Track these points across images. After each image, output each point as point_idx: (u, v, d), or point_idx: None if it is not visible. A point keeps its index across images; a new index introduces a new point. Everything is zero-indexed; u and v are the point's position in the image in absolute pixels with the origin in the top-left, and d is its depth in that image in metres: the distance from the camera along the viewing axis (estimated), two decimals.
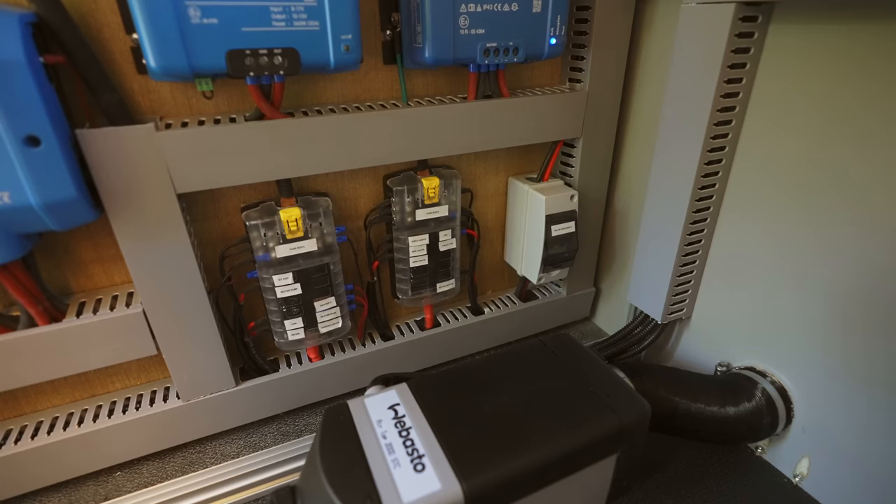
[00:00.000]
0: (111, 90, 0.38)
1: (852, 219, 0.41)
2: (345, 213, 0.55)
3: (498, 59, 0.47)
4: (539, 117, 0.54)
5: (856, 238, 0.41)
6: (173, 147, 0.39)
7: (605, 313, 0.74)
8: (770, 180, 0.46)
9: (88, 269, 0.46)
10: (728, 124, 0.47)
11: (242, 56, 0.36)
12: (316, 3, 0.37)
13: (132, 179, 0.39)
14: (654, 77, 0.57)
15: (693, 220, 0.51)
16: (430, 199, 0.54)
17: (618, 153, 0.63)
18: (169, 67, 0.35)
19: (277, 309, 0.50)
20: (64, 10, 0.35)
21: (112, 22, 0.39)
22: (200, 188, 0.42)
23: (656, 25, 0.55)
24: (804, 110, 0.42)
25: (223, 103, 0.45)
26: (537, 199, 0.58)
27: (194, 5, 0.34)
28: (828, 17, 0.39)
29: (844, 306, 0.42)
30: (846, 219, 0.41)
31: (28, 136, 0.33)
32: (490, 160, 0.61)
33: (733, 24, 0.42)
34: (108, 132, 0.37)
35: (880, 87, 0.37)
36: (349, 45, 0.39)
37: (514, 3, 0.46)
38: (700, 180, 0.49)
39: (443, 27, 0.43)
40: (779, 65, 0.44)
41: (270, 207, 0.47)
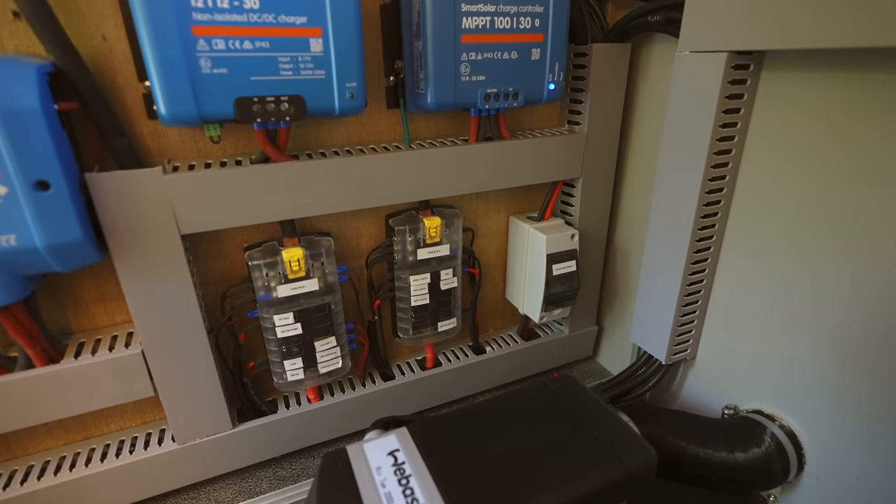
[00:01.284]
0: (122, 135, 0.40)
1: (853, 261, 0.41)
2: (347, 252, 0.55)
3: (498, 103, 0.48)
4: (539, 159, 0.55)
5: (858, 280, 0.41)
6: (180, 189, 0.40)
7: (608, 352, 0.73)
8: (768, 222, 0.47)
9: (90, 308, 0.46)
10: (725, 167, 0.48)
11: (250, 103, 0.37)
12: (322, 53, 0.39)
13: (138, 221, 0.40)
14: (651, 119, 0.58)
15: (694, 261, 0.51)
16: (432, 238, 0.54)
17: (617, 192, 0.64)
18: (179, 115, 0.36)
19: (277, 349, 0.50)
20: (80, 60, 0.36)
21: (126, 70, 0.41)
22: (205, 229, 0.43)
23: (651, 71, 0.57)
24: (798, 154, 0.43)
25: (230, 146, 0.46)
26: (538, 239, 0.58)
27: (206, 56, 0.35)
28: (817, 66, 0.41)
29: (851, 349, 0.42)
30: (847, 261, 0.41)
31: (38, 180, 0.33)
32: (491, 199, 0.62)
33: (726, 72, 0.43)
34: (116, 176, 0.38)
35: (871, 133, 0.38)
36: (354, 92, 0.40)
37: (513, 51, 0.47)
38: (699, 221, 0.49)
39: (445, 74, 0.45)
40: (772, 110, 0.45)
41: (273, 247, 0.48)
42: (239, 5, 0.35)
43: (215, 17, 0.35)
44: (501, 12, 0.45)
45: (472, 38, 0.45)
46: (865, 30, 0.33)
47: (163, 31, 0.34)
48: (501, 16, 0.45)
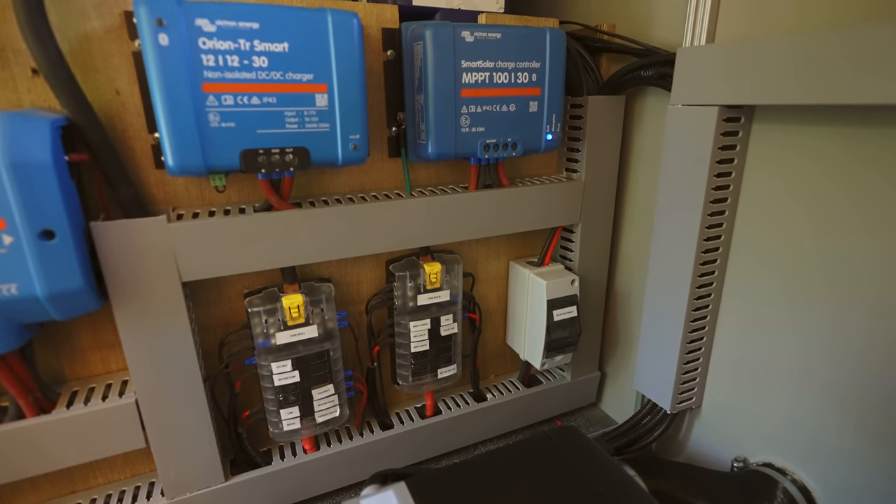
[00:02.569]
0: (129, 184, 0.40)
1: (853, 309, 0.41)
2: (347, 298, 0.55)
3: (497, 153, 0.49)
4: (538, 206, 0.56)
5: (860, 328, 0.40)
6: (183, 238, 0.41)
7: (611, 398, 0.72)
8: (767, 269, 0.47)
9: (86, 356, 0.46)
10: (721, 214, 0.48)
11: (256, 155, 0.38)
12: (327, 108, 0.40)
13: (140, 269, 0.40)
14: (647, 166, 0.59)
15: (695, 307, 0.51)
16: (432, 284, 0.54)
17: (616, 237, 0.65)
18: (186, 166, 0.37)
19: (274, 397, 0.49)
20: (93, 114, 0.38)
21: (136, 123, 0.42)
22: (206, 276, 0.43)
23: (646, 121, 0.58)
24: (793, 201, 0.44)
25: (234, 194, 0.47)
26: (538, 284, 0.58)
27: (215, 111, 0.37)
28: (804, 120, 0.42)
29: (859, 401, 0.41)
30: (846, 309, 0.41)
31: (44, 230, 0.34)
32: (491, 244, 0.62)
33: (718, 125, 0.45)
34: (121, 225, 0.38)
35: (858, 187, 0.39)
36: (357, 143, 0.42)
37: (511, 104, 0.49)
38: (699, 268, 0.49)
39: (445, 126, 0.46)
40: (765, 160, 0.46)
41: (273, 294, 0.48)
42: (248, 64, 0.37)
43: (225, 76, 0.36)
44: (500, 68, 0.47)
45: (471, 93, 0.46)
46: (845, 88, 0.34)
47: (174, 87, 0.35)
48: (500, 71, 0.47)
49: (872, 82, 0.33)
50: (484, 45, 0.46)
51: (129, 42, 0.40)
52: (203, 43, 0.35)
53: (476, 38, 0.45)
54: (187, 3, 0.35)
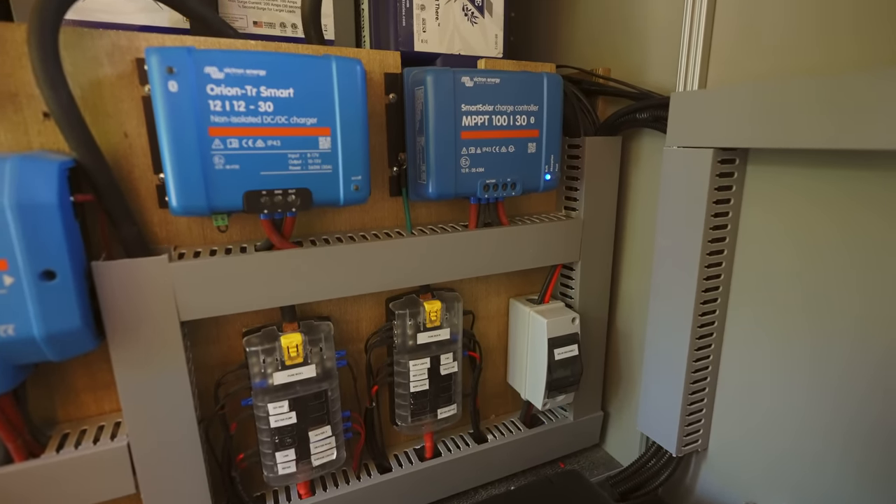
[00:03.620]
0: (132, 224, 0.41)
1: (855, 346, 0.40)
2: (346, 336, 0.55)
3: (497, 193, 0.50)
4: (537, 244, 0.57)
5: (864, 366, 0.40)
6: (184, 277, 0.41)
7: (615, 440, 0.70)
8: (768, 309, 0.47)
9: (79, 397, 0.45)
10: (720, 254, 0.49)
11: (259, 196, 0.39)
12: (330, 150, 0.41)
13: (140, 308, 0.40)
14: (645, 204, 0.60)
15: (697, 347, 0.50)
16: (432, 322, 0.54)
17: (616, 275, 0.65)
18: (189, 208, 0.37)
19: (269, 440, 0.47)
20: (101, 157, 0.38)
21: (142, 163, 0.43)
22: (206, 315, 0.43)
23: (643, 160, 0.60)
24: (790, 241, 0.44)
25: (235, 233, 0.47)
26: (539, 322, 0.58)
27: (220, 154, 0.37)
28: (796, 162, 0.43)
29: (870, 445, 0.40)
30: (849, 347, 0.41)
31: (45, 270, 0.34)
32: (491, 282, 0.62)
33: (713, 166, 0.46)
34: (122, 264, 0.39)
35: (854, 226, 0.39)
36: (359, 184, 0.42)
37: (510, 145, 0.50)
38: (700, 307, 0.49)
39: (446, 167, 0.47)
40: (760, 200, 0.46)
41: (272, 333, 0.47)
42: (254, 109, 0.38)
43: (231, 120, 0.37)
44: (499, 111, 0.48)
45: (471, 135, 0.47)
46: (829, 133, 0.35)
47: (181, 131, 0.36)
48: (499, 114, 0.49)
49: (855, 128, 0.34)
50: (483, 90, 0.47)
51: (139, 87, 0.41)
52: (211, 89, 0.36)
53: (476, 83, 0.47)
54: (197, 52, 0.36)
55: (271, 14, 0.54)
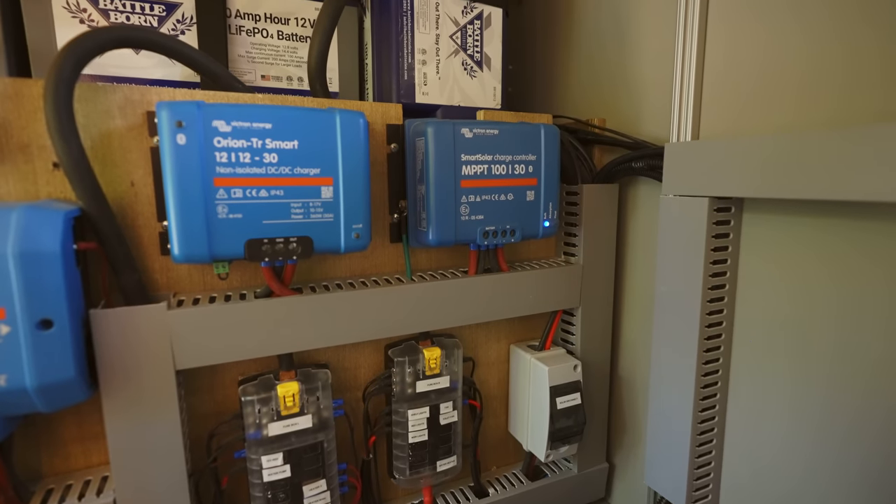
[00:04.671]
0: (133, 271, 0.41)
1: (864, 394, 0.39)
2: (344, 384, 0.53)
3: (496, 240, 0.51)
4: (537, 290, 0.57)
5: (871, 415, 0.39)
6: (182, 325, 0.40)
7: (622, 493, 0.67)
8: (772, 357, 0.46)
9: (67, 448, 0.43)
10: (721, 301, 0.48)
11: (260, 244, 0.39)
12: (332, 199, 0.42)
13: (135, 357, 0.39)
14: (645, 251, 0.60)
15: (703, 397, 0.49)
16: (432, 370, 0.53)
17: (617, 321, 0.64)
18: (191, 256, 0.37)
19: (262, 495, 0.46)
20: (107, 206, 0.39)
21: (147, 211, 0.43)
22: (202, 364, 0.42)
23: (640, 207, 0.60)
24: (788, 289, 0.44)
25: (236, 279, 0.47)
26: (540, 370, 0.57)
27: (223, 203, 0.38)
28: (790, 210, 0.44)
29: (878, 490, 0.39)
30: (855, 394, 0.40)
31: (43, 319, 0.34)
32: (491, 328, 0.61)
33: (710, 214, 0.46)
34: (121, 312, 0.38)
35: (848, 273, 0.40)
36: (359, 233, 0.43)
37: (509, 193, 0.51)
38: (703, 355, 0.48)
39: (445, 215, 0.48)
40: (757, 248, 0.47)
41: (268, 381, 0.46)
42: (259, 160, 0.39)
43: (236, 171, 0.38)
44: (498, 161, 0.50)
45: (471, 183, 0.48)
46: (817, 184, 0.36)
47: (187, 181, 0.37)
48: (498, 164, 0.50)
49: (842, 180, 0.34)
50: (482, 141, 0.48)
51: (148, 138, 0.42)
52: (218, 142, 0.37)
53: (475, 134, 0.48)
54: (206, 106, 0.37)
55: (279, 68, 0.56)
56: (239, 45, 0.54)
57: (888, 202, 0.32)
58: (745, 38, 0.46)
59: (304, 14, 0.56)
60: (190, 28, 0.51)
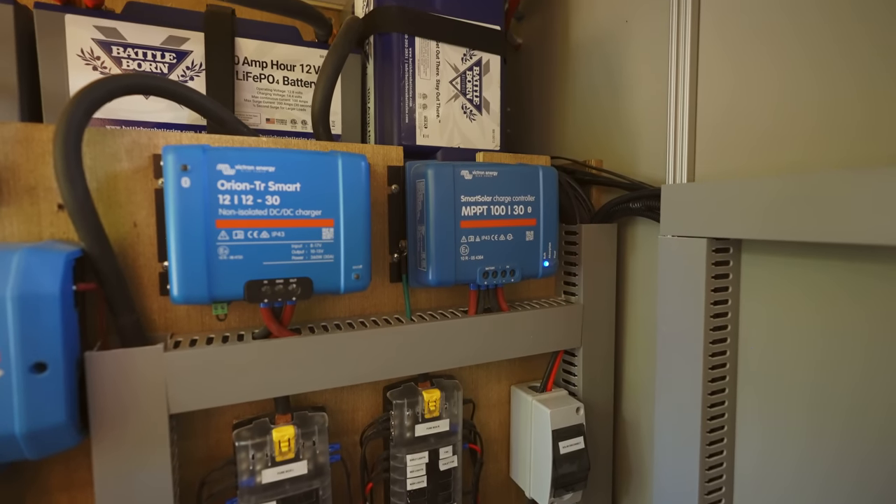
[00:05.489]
0: (131, 311, 0.41)
1: (875, 440, 0.38)
2: (341, 427, 0.52)
3: (496, 280, 0.51)
4: (538, 330, 0.56)
5: (883, 463, 0.38)
6: (178, 367, 0.40)
7: None
8: (777, 399, 0.45)
9: (52, 497, 0.42)
10: (724, 342, 0.48)
11: (260, 286, 0.39)
12: (333, 240, 0.42)
13: (129, 401, 0.38)
14: (645, 290, 0.60)
15: (709, 441, 0.48)
16: (431, 412, 0.52)
17: (619, 362, 0.64)
18: (190, 297, 0.37)
19: None
20: (109, 247, 0.39)
21: (148, 252, 0.44)
22: (197, 408, 0.41)
23: (639, 246, 0.61)
24: (789, 330, 0.44)
25: (234, 320, 0.47)
26: (542, 413, 0.56)
27: (225, 244, 0.38)
28: (787, 252, 0.44)
29: None
30: (867, 440, 0.39)
31: (37, 363, 0.33)
32: (491, 368, 0.61)
33: (709, 255, 0.46)
34: (116, 354, 0.38)
35: (844, 315, 0.39)
36: (359, 273, 0.43)
37: (509, 233, 0.51)
38: (708, 398, 0.47)
39: (445, 255, 0.48)
40: (757, 289, 0.47)
41: (264, 425, 0.45)
42: (262, 202, 0.39)
43: (239, 213, 0.38)
44: (497, 202, 0.50)
45: (470, 224, 0.49)
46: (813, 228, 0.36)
47: (189, 223, 0.37)
48: (497, 204, 0.50)
49: (832, 223, 0.35)
50: (482, 182, 0.49)
51: (153, 180, 0.43)
52: (221, 184, 0.38)
53: (474, 176, 0.49)
54: (211, 150, 0.38)
55: (283, 112, 0.58)
56: (245, 90, 0.56)
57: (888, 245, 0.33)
58: (735, 82, 0.48)
59: (310, 61, 0.59)
60: (199, 74, 0.53)
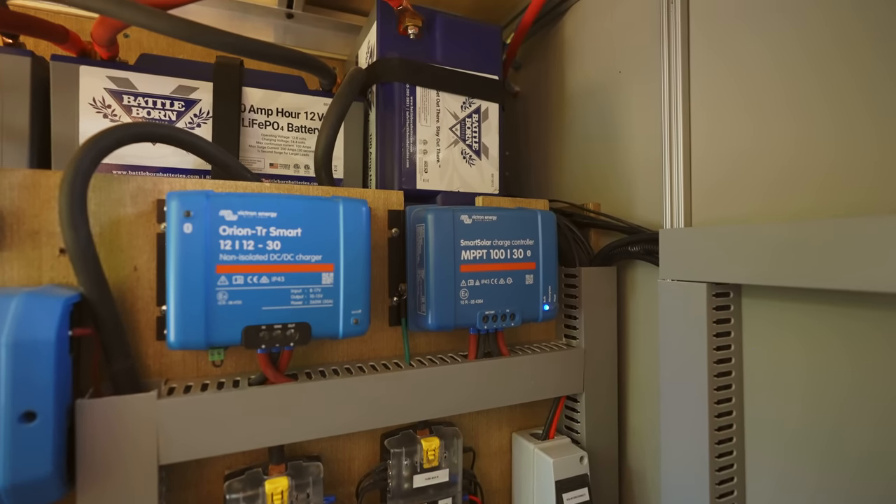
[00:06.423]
0: (126, 357, 0.40)
1: (886, 487, 0.37)
2: (336, 478, 0.50)
3: (496, 324, 0.50)
4: (539, 375, 0.55)
5: None
6: (170, 416, 0.39)
7: None
8: (785, 447, 0.44)
9: None
10: (729, 388, 0.47)
11: (258, 331, 0.39)
12: (332, 285, 0.42)
13: (118, 451, 0.37)
14: (647, 334, 0.59)
15: (719, 494, 0.46)
16: (430, 462, 0.50)
17: (623, 408, 0.62)
18: (187, 343, 0.37)
19: None
20: (108, 291, 0.39)
21: (147, 296, 0.43)
22: (189, 458, 0.40)
23: (639, 290, 0.61)
24: (796, 375, 0.43)
25: (230, 365, 0.46)
26: (544, 462, 0.54)
27: (224, 290, 0.38)
28: (789, 297, 0.44)
29: None
30: (878, 488, 0.37)
31: (26, 412, 0.33)
32: (492, 414, 0.59)
33: (709, 299, 0.46)
34: (108, 402, 0.37)
35: (848, 363, 0.39)
36: (358, 318, 0.42)
37: (508, 277, 0.51)
38: (715, 448, 0.46)
39: (445, 300, 0.48)
40: (759, 333, 0.46)
41: (256, 476, 0.44)
42: (263, 247, 0.39)
43: (239, 258, 0.38)
44: (496, 245, 0.51)
45: (470, 268, 0.49)
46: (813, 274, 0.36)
47: (190, 268, 0.37)
48: (496, 248, 0.51)
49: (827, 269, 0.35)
50: (481, 227, 0.50)
51: (155, 224, 0.43)
52: (223, 230, 0.38)
53: (474, 220, 0.49)
54: (215, 196, 0.39)
55: (287, 157, 0.59)
56: (251, 136, 0.57)
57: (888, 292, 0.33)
58: (729, 129, 0.49)
59: (314, 109, 0.60)
60: (206, 121, 0.55)
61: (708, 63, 0.51)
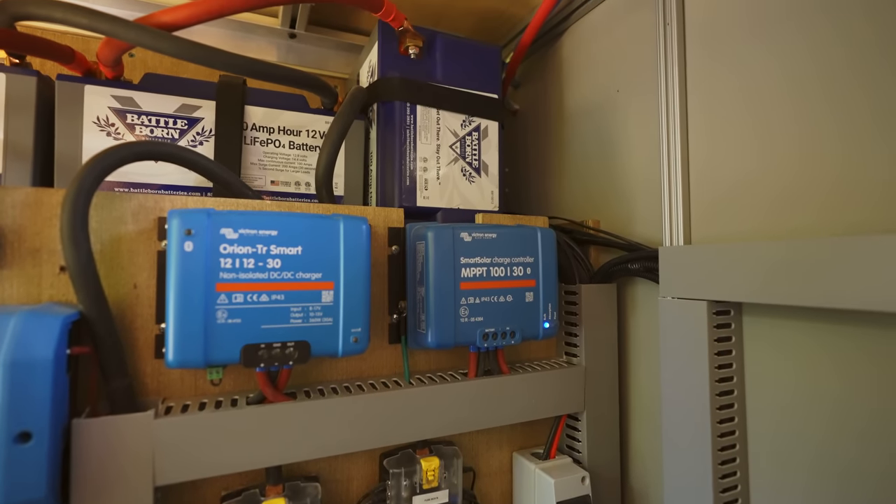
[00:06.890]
0: (123, 376, 0.40)
1: None
2: (334, 498, 0.50)
3: (496, 342, 0.50)
4: (540, 393, 0.55)
5: None
6: (167, 436, 0.38)
7: None
8: (789, 468, 0.43)
9: None
10: (731, 407, 0.47)
11: (257, 349, 0.39)
12: (332, 303, 0.42)
13: (113, 472, 0.37)
14: (648, 352, 0.59)
15: None
16: (429, 482, 0.49)
17: (625, 427, 0.61)
18: (185, 361, 0.37)
19: None
20: (107, 310, 0.39)
21: (146, 314, 0.43)
22: (185, 479, 0.39)
23: (639, 308, 0.60)
24: (797, 393, 0.43)
25: (228, 383, 0.46)
26: (545, 483, 0.53)
27: (224, 308, 0.38)
28: (789, 315, 0.43)
29: None
30: None
31: (22, 432, 0.32)
32: (493, 433, 0.58)
33: (710, 317, 0.46)
34: (104, 422, 0.37)
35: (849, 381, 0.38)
36: (358, 336, 0.42)
37: (508, 294, 0.51)
38: (718, 468, 0.45)
39: (445, 317, 0.47)
40: (760, 351, 0.46)
41: (254, 498, 0.43)
42: (263, 265, 0.39)
43: (239, 276, 0.39)
44: (496, 263, 0.51)
45: (470, 285, 0.49)
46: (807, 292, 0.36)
47: (190, 286, 0.37)
48: (496, 266, 0.51)
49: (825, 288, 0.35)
50: (481, 244, 0.50)
51: (156, 242, 0.44)
52: (224, 248, 0.38)
53: (474, 237, 0.50)
54: (216, 214, 0.39)
55: (288, 174, 0.60)
56: (252, 153, 0.58)
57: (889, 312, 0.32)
58: (730, 147, 0.49)
59: (315, 127, 0.61)
60: (208, 139, 0.55)
61: (708, 81, 0.52)
